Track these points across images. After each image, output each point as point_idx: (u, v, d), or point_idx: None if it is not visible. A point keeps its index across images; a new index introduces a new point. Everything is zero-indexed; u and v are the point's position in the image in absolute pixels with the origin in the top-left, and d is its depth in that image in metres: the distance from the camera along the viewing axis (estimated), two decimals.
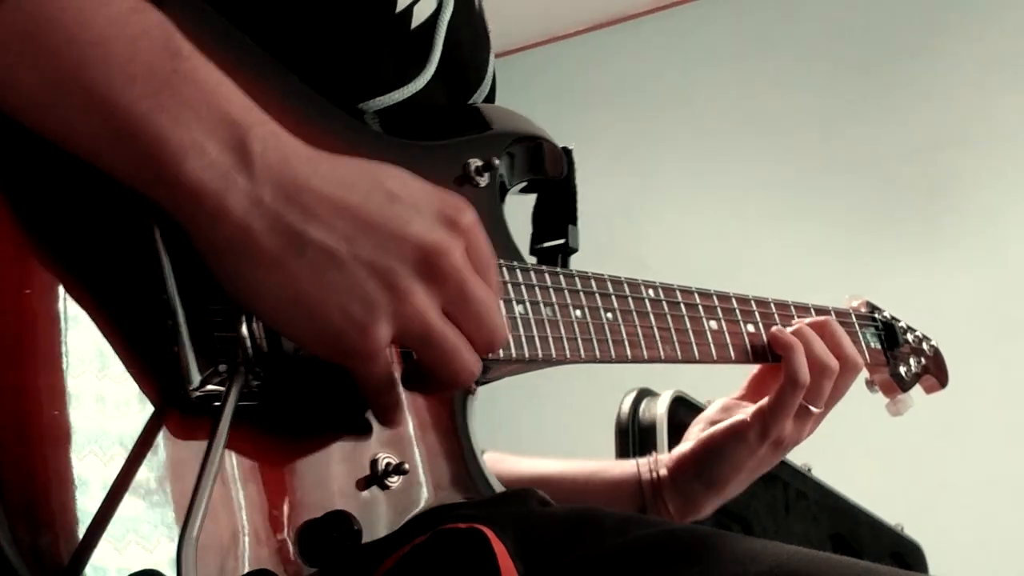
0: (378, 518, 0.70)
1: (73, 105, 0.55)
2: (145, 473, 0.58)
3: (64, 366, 0.56)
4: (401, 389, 0.68)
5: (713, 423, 1.05)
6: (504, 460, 1.08)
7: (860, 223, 3.54)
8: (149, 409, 0.59)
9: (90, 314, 0.58)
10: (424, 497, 0.74)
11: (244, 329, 0.62)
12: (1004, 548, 2.97)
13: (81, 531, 0.54)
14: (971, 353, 1.99)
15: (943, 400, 1.26)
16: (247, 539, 0.62)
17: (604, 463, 1.12)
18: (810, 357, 1.00)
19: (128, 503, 0.56)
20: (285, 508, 0.64)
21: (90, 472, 0.56)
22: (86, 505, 0.55)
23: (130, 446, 0.58)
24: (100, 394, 0.57)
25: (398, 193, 0.63)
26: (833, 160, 3.63)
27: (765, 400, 1.01)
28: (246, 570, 0.61)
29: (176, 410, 0.60)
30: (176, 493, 0.59)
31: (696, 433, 1.06)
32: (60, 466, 0.55)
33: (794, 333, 1.02)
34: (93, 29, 0.56)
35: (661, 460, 1.06)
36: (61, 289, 0.57)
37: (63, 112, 0.56)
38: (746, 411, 1.03)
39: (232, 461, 0.62)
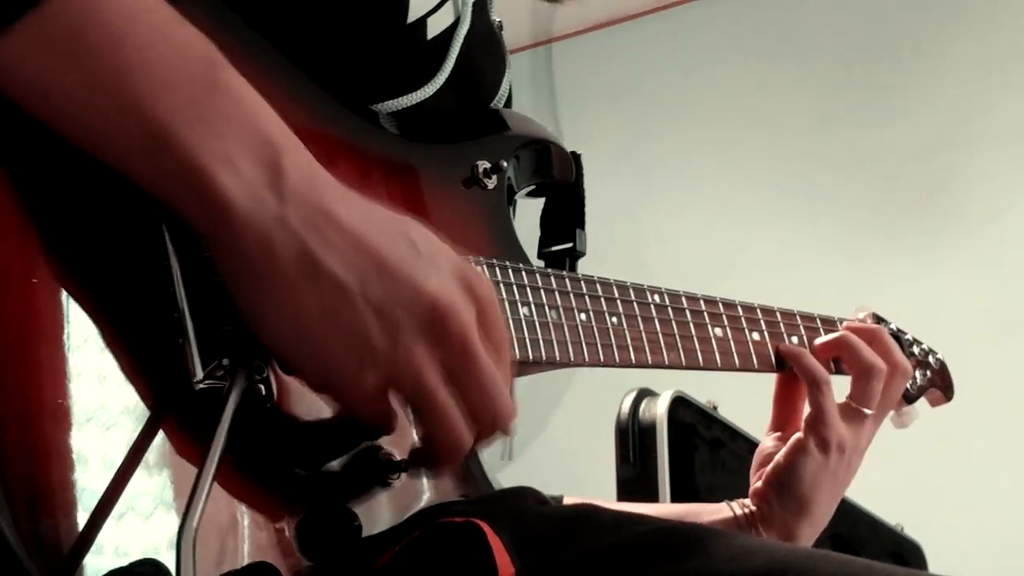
0: (378, 515, 0.70)
1: (110, 109, 0.55)
2: (147, 464, 0.58)
3: (69, 356, 0.57)
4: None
5: (770, 455, 1.05)
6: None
7: (860, 223, 3.54)
8: (153, 400, 0.60)
9: (97, 306, 0.59)
10: (424, 495, 0.74)
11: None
12: (1004, 548, 2.97)
13: (83, 519, 0.55)
14: (971, 353, 1.99)
15: None
16: (247, 532, 0.62)
17: (688, 506, 1.11)
18: (860, 359, 1.03)
19: (130, 493, 0.57)
20: (286, 502, 0.65)
21: (93, 462, 0.56)
22: (88, 494, 0.55)
23: (134, 436, 0.58)
24: (105, 385, 0.58)
25: (422, 247, 0.63)
26: (833, 160, 3.63)
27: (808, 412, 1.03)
28: (245, 562, 0.61)
29: (180, 402, 0.61)
30: (178, 485, 0.59)
31: (760, 474, 1.05)
32: (63, 454, 0.55)
33: (841, 337, 1.05)
34: (138, 34, 0.55)
35: (744, 501, 1.05)
36: (68, 280, 0.58)
37: (99, 116, 0.55)
38: (800, 428, 1.03)
39: (234, 454, 0.62)
